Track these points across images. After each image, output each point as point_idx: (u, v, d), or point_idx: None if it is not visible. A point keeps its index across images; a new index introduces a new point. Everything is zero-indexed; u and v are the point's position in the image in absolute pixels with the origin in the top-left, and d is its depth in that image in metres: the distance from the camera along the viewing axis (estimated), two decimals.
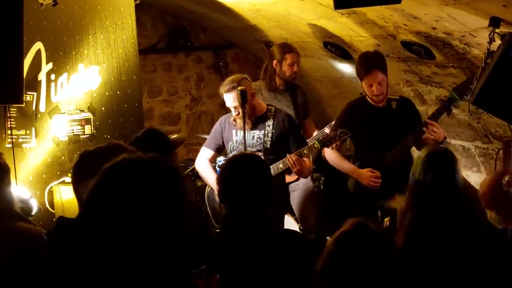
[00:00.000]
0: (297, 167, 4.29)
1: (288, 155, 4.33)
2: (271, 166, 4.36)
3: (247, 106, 4.24)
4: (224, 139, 4.55)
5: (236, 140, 4.45)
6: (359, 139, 4.59)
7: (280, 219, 4.55)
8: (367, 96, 4.53)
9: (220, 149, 4.66)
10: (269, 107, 4.52)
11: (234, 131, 4.47)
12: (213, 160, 4.80)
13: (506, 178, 2.91)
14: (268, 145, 4.41)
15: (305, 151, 4.33)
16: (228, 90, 4.33)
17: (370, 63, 4.39)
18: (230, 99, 4.34)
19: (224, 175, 2.89)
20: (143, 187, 1.50)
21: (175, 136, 4.72)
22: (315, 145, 4.34)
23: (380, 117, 4.47)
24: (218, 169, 4.93)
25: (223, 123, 4.56)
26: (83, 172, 2.51)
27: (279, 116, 4.48)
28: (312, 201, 4.91)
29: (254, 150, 4.36)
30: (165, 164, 1.58)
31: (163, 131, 3.81)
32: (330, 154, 4.60)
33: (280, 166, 4.36)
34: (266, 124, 4.42)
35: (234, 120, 4.43)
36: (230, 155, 4.37)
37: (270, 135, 4.42)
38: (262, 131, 4.42)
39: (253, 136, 4.43)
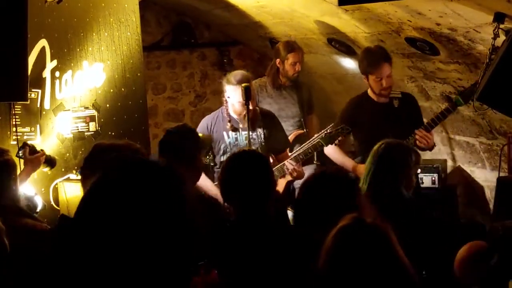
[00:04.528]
0: (296, 174, 4.29)
1: (286, 162, 4.33)
2: None
3: (251, 103, 4.23)
4: (213, 141, 4.47)
5: (230, 142, 4.43)
6: (360, 135, 4.59)
7: (284, 213, 4.56)
8: (369, 93, 4.53)
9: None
10: (255, 108, 4.48)
11: (225, 133, 4.44)
12: None
13: None
14: (264, 145, 4.42)
15: (301, 157, 4.34)
16: (242, 82, 4.24)
17: (377, 56, 4.39)
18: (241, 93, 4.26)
19: (225, 172, 2.89)
20: (137, 189, 1.48)
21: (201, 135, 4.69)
22: (319, 144, 4.35)
23: (382, 114, 4.46)
24: None
25: (211, 126, 4.47)
26: (94, 164, 2.55)
27: (265, 115, 4.50)
28: None
29: None
30: (160, 166, 1.57)
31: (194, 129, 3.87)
32: (330, 150, 4.60)
33: (275, 173, 4.19)
34: (256, 124, 4.40)
35: (229, 120, 4.39)
36: (223, 156, 4.40)
37: (262, 135, 4.43)
38: (254, 132, 4.42)
39: (246, 137, 4.38)
